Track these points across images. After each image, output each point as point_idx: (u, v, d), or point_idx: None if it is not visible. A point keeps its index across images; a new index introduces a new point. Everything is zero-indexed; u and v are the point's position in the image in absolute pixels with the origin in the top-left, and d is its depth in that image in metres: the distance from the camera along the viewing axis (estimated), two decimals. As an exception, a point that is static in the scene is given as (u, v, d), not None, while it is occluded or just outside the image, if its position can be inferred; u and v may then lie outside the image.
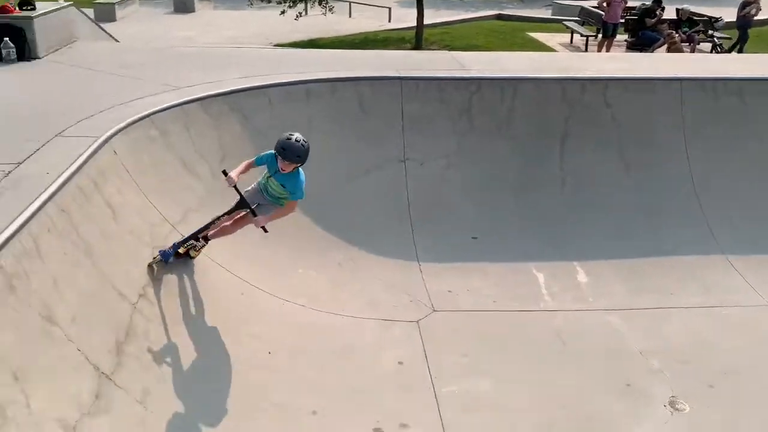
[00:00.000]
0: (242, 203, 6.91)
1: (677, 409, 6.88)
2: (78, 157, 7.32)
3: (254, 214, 6.85)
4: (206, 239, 7.40)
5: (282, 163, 6.65)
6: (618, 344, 7.83)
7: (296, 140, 6.59)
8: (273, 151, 6.69)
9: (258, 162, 6.95)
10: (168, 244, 7.42)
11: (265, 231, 6.88)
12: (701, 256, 9.33)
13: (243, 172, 6.87)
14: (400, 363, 7.34)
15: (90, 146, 7.61)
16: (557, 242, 9.37)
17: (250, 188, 7.09)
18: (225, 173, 6.71)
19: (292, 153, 6.57)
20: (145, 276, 7.03)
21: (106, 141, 7.86)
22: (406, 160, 9.92)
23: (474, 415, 6.67)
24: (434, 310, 8.26)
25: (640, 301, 8.57)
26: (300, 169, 6.78)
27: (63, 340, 5.69)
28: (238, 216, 7.19)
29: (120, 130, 8.15)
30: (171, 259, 7.27)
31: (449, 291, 8.61)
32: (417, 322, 8.02)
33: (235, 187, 6.77)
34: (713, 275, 9.08)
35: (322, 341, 7.46)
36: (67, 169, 7.03)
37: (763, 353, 7.69)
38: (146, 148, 8.36)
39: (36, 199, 6.43)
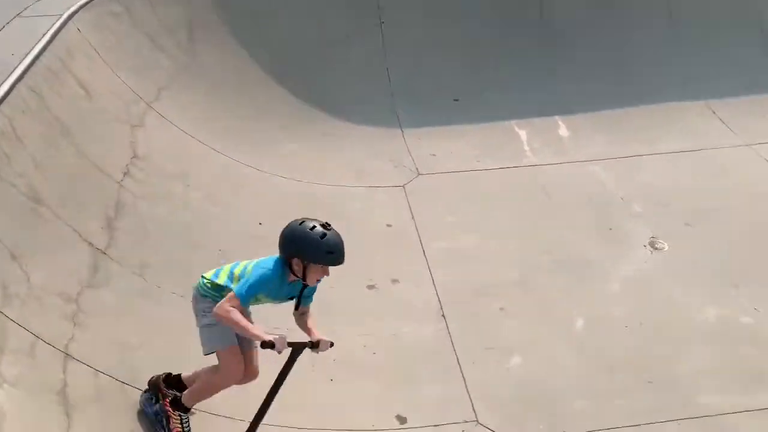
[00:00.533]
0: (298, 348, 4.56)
1: (656, 248, 7.15)
2: (42, 36, 7.18)
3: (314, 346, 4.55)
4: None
5: (322, 272, 4.49)
6: (600, 192, 8.03)
7: (329, 230, 4.42)
8: (277, 270, 4.43)
9: (246, 301, 4.42)
10: (147, 125, 7.37)
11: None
12: (681, 103, 9.44)
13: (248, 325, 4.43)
14: (389, 225, 7.50)
15: (53, 25, 7.45)
16: (538, 99, 9.43)
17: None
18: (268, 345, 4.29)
19: (342, 253, 4.43)
20: (127, 154, 7.03)
21: (69, 18, 7.70)
22: (382, 23, 9.81)
23: (461, 267, 6.89)
24: (419, 174, 8.37)
25: (621, 150, 8.73)
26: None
27: (54, 219, 5.75)
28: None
29: (82, 7, 7.96)
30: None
31: (433, 155, 8.70)
32: (403, 186, 8.14)
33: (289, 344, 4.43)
34: (693, 120, 9.23)
35: (309, 210, 7.55)
36: (33, 48, 6.91)
37: (739, 192, 7.92)
38: (111, 25, 8.20)
39: (5, 81, 6.34)
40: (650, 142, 8.88)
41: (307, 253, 4.37)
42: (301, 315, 4.63)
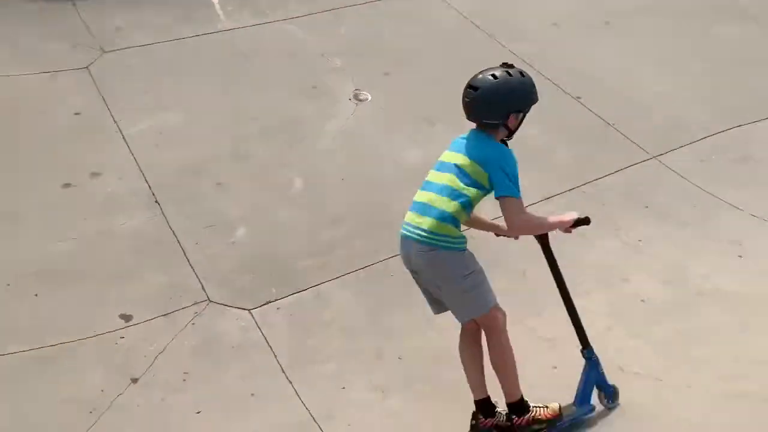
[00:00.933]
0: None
1: (360, 100, 7.20)
2: None
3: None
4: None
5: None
6: (301, 50, 7.87)
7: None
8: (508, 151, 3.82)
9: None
10: None
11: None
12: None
13: None
14: (77, 114, 6.86)
15: None
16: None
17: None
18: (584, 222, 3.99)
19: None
20: None
21: None
22: None
23: (168, 148, 6.51)
24: (104, 52, 7.68)
25: (316, 6, 8.58)
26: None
27: None
28: None
29: None
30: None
31: (119, 28, 8.01)
32: (87, 67, 7.43)
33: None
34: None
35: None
36: None
37: (431, 39, 8.12)
38: None
39: None
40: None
41: (529, 97, 3.87)
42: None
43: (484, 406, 4.16)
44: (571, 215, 3.97)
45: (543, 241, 4.11)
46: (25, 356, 4.72)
